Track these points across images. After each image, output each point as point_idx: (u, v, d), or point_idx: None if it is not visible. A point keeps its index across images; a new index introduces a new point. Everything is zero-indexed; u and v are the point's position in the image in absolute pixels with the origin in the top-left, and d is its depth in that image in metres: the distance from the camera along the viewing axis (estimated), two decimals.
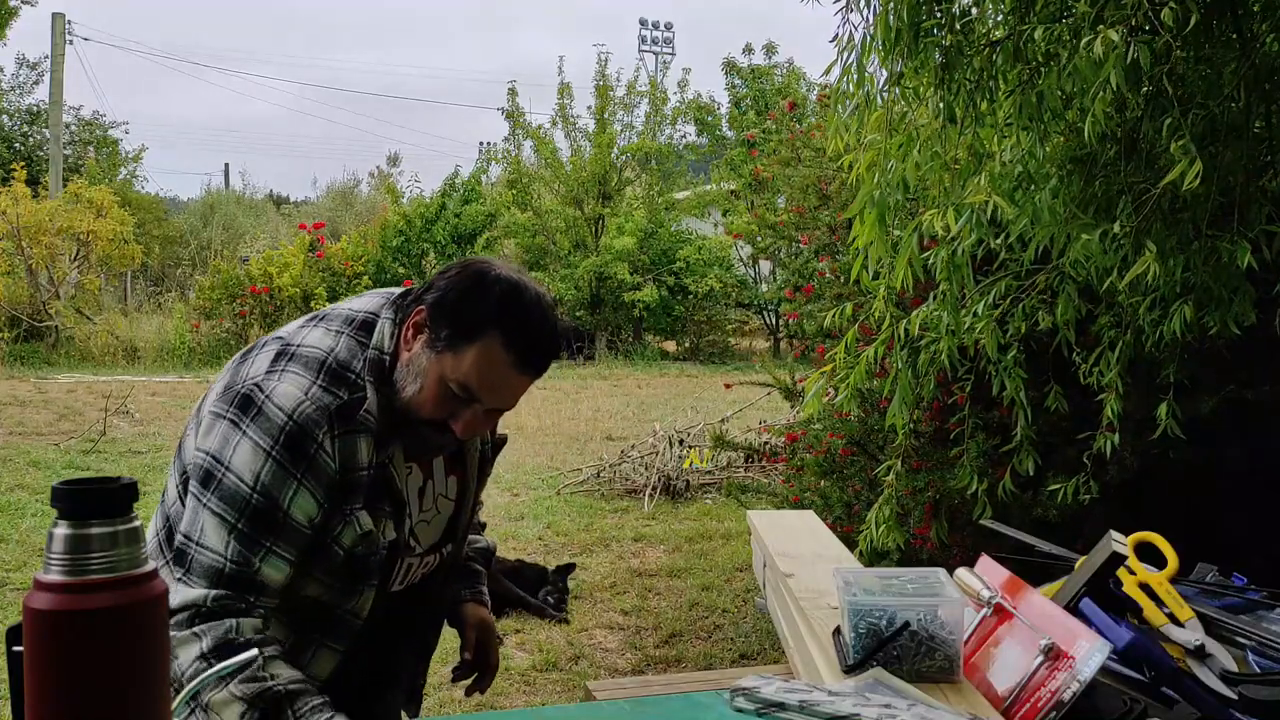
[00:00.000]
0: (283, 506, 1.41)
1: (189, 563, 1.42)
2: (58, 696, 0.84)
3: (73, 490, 0.87)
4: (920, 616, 1.43)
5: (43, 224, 14.76)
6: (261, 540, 1.40)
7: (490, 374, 1.45)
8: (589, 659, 4.42)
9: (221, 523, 1.40)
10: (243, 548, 1.40)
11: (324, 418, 1.42)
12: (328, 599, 1.50)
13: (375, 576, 1.51)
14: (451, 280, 1.48)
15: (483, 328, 1.44)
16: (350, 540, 1.46)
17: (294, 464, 1.40)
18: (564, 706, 1.70)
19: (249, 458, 1.40)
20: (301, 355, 1.48)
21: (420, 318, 1.48)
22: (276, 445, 1.40)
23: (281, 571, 1.43)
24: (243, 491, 1.40)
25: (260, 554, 1.40)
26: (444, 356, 1.45)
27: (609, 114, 18.88)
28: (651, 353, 18.27)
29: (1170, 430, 2.52)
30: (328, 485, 1.43)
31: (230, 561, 1.40)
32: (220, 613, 1.39)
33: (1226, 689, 1.39)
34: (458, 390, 1.45)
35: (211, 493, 1.42)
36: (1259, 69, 2.19)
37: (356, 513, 1.46)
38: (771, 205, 6.15)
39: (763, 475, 7.21)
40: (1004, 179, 2.32)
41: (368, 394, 1.46)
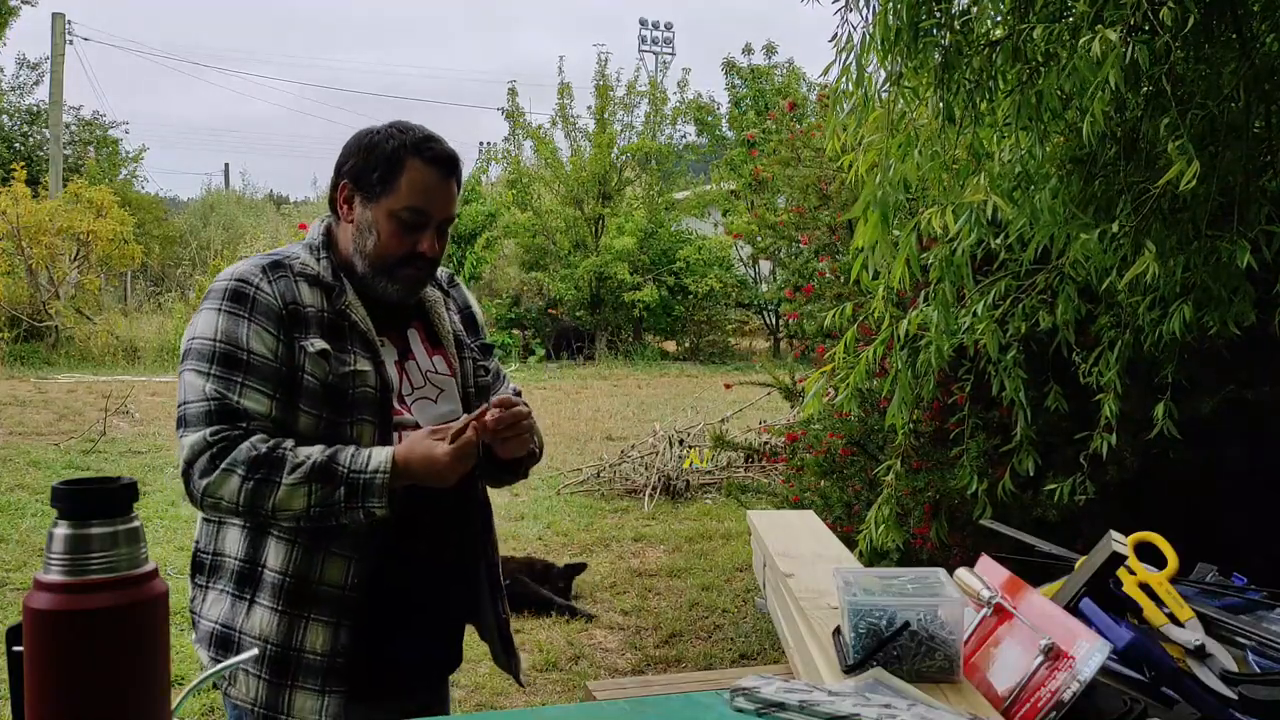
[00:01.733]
0: (243, 345, 1.64)
1: (184, 419, 1.64)
2: (58, 696, 0.84)
3: (73, 490, 0.87)
4: (920, 616, 1.43)
5: (43, 224, 14.76)
6: (233, 377, 1.63)
7: (424, 187, 1.71)
8: (589, 659, 4.42)
9: (198, 374, 1.64)
10: (220, 388, 1.63)
11: (257, 269, 1.70)
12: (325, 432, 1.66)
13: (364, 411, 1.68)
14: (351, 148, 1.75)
15: (401, 156, 1.71)
16: (317, 369, 1.66)
17: (240, 307, 1.66)
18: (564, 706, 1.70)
19: (207, 321, 1.67)
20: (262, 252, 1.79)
21: (347, 190, 1.75)
22: (223, 300, 1.67)
23: (261, 403, 1.64)
24: (207, 345, 1.65)
25: (236, 389, 1.63)
26: (383, 199, 1.71)
27: (609, 114, 18.88)
28: (651, 353, 18.27)
29: (1167, 431, 2.52)
30: (276, 319, 1.66)
31: (211, 400, 1.62)
32: (226, 446, 1.60)
33: (1226, 689, 1.39)
34: (408, 216, 1.71)
35: (187, 360, 1.67)
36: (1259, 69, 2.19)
37: (311, 339, 1.67)
38: (771, 205, 6.15)
39: (763, 475, 7.22)
40: (1003, 179, 2.32)
41: (300, 254, 1.74)
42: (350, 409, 1.67)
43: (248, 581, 1.69)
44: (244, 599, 1.69)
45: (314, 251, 1.75)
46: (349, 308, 1.72)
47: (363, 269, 1.74)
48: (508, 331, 17.98)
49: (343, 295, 1.72)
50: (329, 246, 1.77)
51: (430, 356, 1.83)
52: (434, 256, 1.74)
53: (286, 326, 1.66)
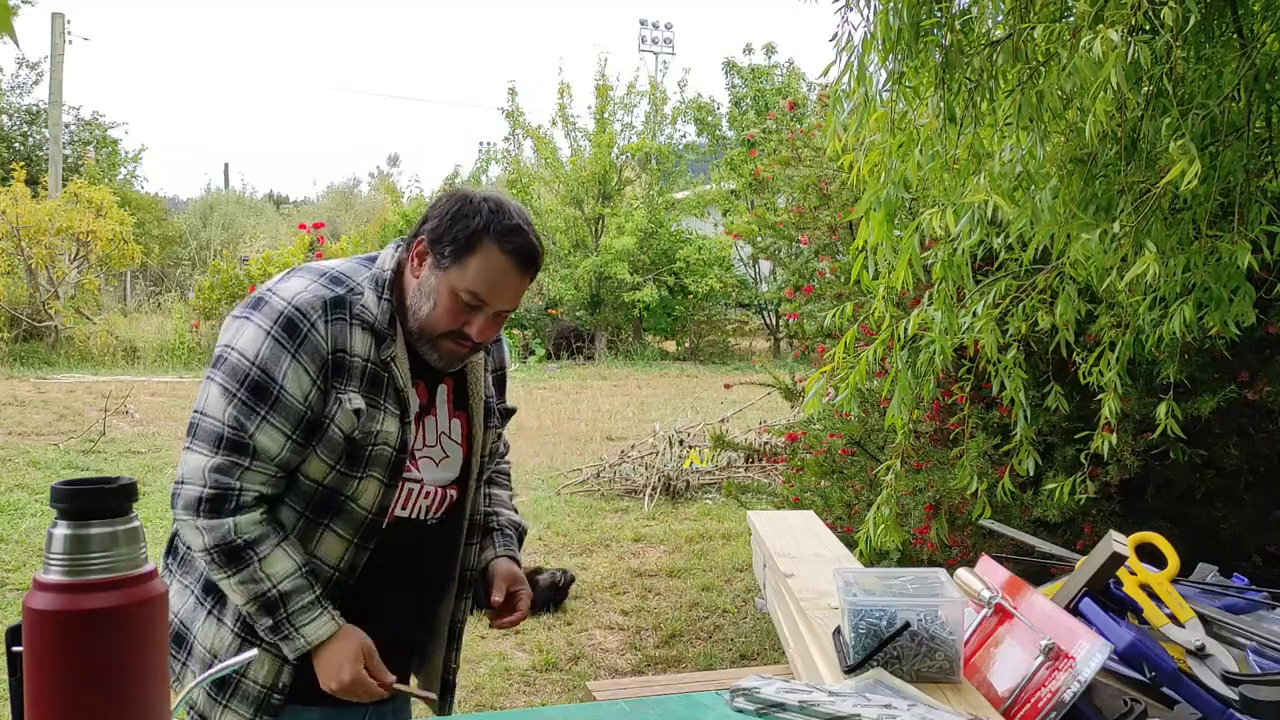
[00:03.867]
0: (278, 380, 1.59)
1: (195, 430, 1.61)
2: (58, 696, 0.84)
3: (72, 490, 0.87)
4: (920, 617, 1.43)
5: (42, 224, 14.76)
6: (257, 409, 1.59)
7: (493, 276, 1.65)
8: (589, 659, 4.42)
9: (224, 392, 1.60)
10: (240, 415, 1.58)
11: (318, 302, 1.63)
12: (331, 483, 1.65)
13: (376, 469, 1.66)
14: (442, 208, 1.69)
15: (480, 238, 1.65)
16: (347, 423, 1.63)
17: (289, 340, 1.60)
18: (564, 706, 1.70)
19: (252, 338, 1.61)
20: (309, 267, 1.71)
21: (422, 246, 1.69)
22: (275, 325, 1.60)
23: (276, 442, 1.60)
24: (244, 365, 1.60)
25: (256, 421, 1.58)
26: (450, 271, 1.65)
27: (609, 114, 18.88)
28: (651, 353, 18.27)
29: (1170, 430, 2.52)
30: (320, 363, 1.61)
31: (228, 426, 1.58)
32: (217, 497, 1.57)
33: (1226, 689, 1.39)
34: (468, 298, 1.65)
35: (219, 369, 1.62)
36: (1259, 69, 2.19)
37: (349, 393, 1.63)
38: (771, 205, 6.15)
39: (763, 475, 7.22)
40: (1004, 179, 2.32)
41: (365, 293, 1.68)
42: (365, 465, 1.66)
43: (213, 592, 1.68)
44: (204, 607, 1.69)
45: (378, 288, 1.69)
46: (394, 360, 1.68)
47: (411, 326, 1.70)
48: (508, 331, 17.96)
49: (391, 346, 1.68)
50: (395, 287, 1.71)
51: (450, 418, 1.80)
52: (481, 342, 1.70)
53: (328, 373, 1.62)
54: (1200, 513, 3.50)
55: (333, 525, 1.67)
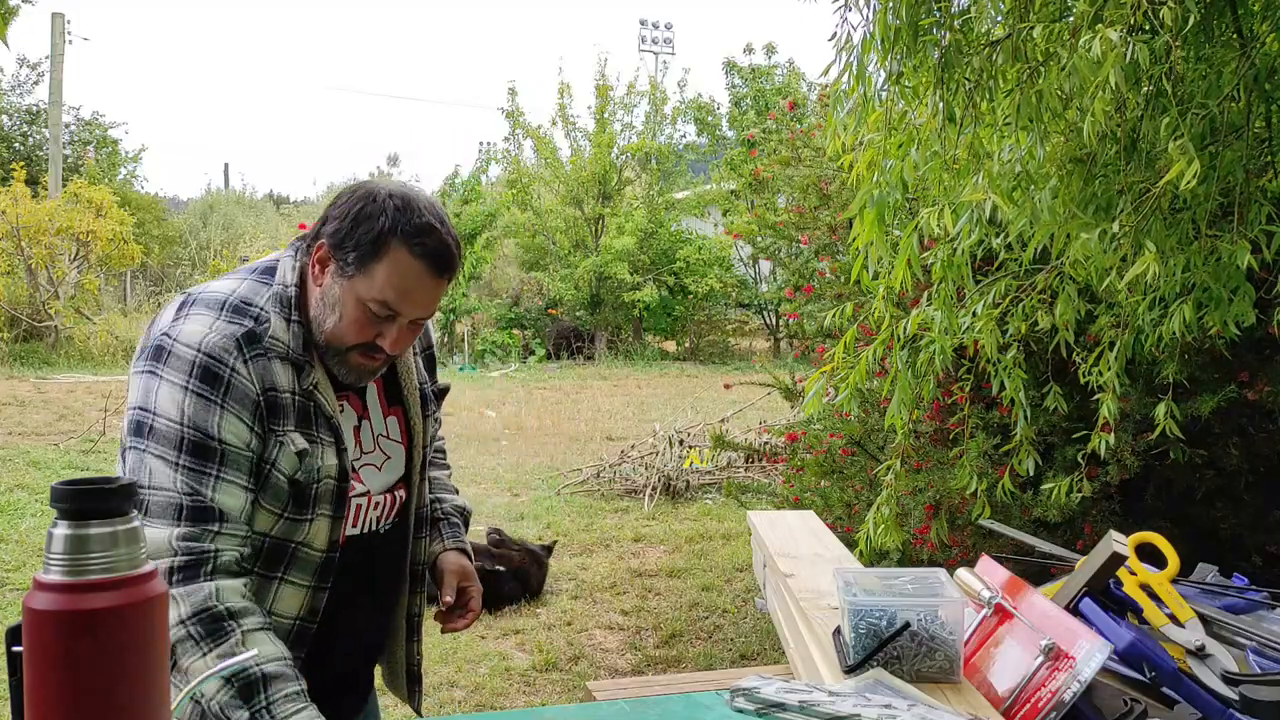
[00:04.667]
0: (215, 435, 1.44)
1: (145, 506, 1.44)
2: (58, 696, 0.84)
3: (72, 490, 0.87)
4: (920, 617, 1.43)
5: (42, 224, 14.76)
6: (205, 469, 1.44)
7: (404, 283, 1.48)
8: (589, 659, 4.42)
9: (165, 463, 1.44)
10: (190, 480, 1.43)
11: (230, 344, 1.46)
12: (280, 532, 1.52)
13: (325, 505, 1.53)
14: (344, 208, 1.52)
15: (386, 242, 1.47)
16: (289, 465, 1.49)
17: (212, 391, 1.44)
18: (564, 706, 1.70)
19: (170, 397, 1.44)
20: (203, 299, 1.52)
21: (323, 251, 1.52)
22: (191, 378, 1.44)
23: (237, 497, 1.45)
24: (173, 429, 1.44)
25: (209, 483, 1.44)
26: (356, 280, 1.49)
27: (609, 114, 18.89)
28: (651, 353, 18.27)
29: (1169, 430, 2.52)
30: (252, 407, 1.46)
31: (182, 494, 1.43)
32: (191, 563, 1.41)
33: (1227, 689, 1.39)
34: (377, 309, 1.49)
35: (147, 439, 1.45)
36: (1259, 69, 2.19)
37: (289, 434, 1.49)
38: (771, 205, 6.15)
39: (763, 475, 7.22)
40: (1003, 178, 2.32)
41: (272, 322, 1.51)
42: (313, 504, 1.52)
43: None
44: None
45: (284, 309, 1.52)
46: (317, 387, 1.53)
47: (317, 339, 1.53)
48: (508, 331, 17.98)
49: (311, 372, 1.53)
50: (301, 305, 1.54)
51: (385, 417, 1.67)
52: (394, 354, 1.54)
53: (263, 417, 1.47)
54: (1200, 513, 3.50)
55: (287, 576, 1.55)
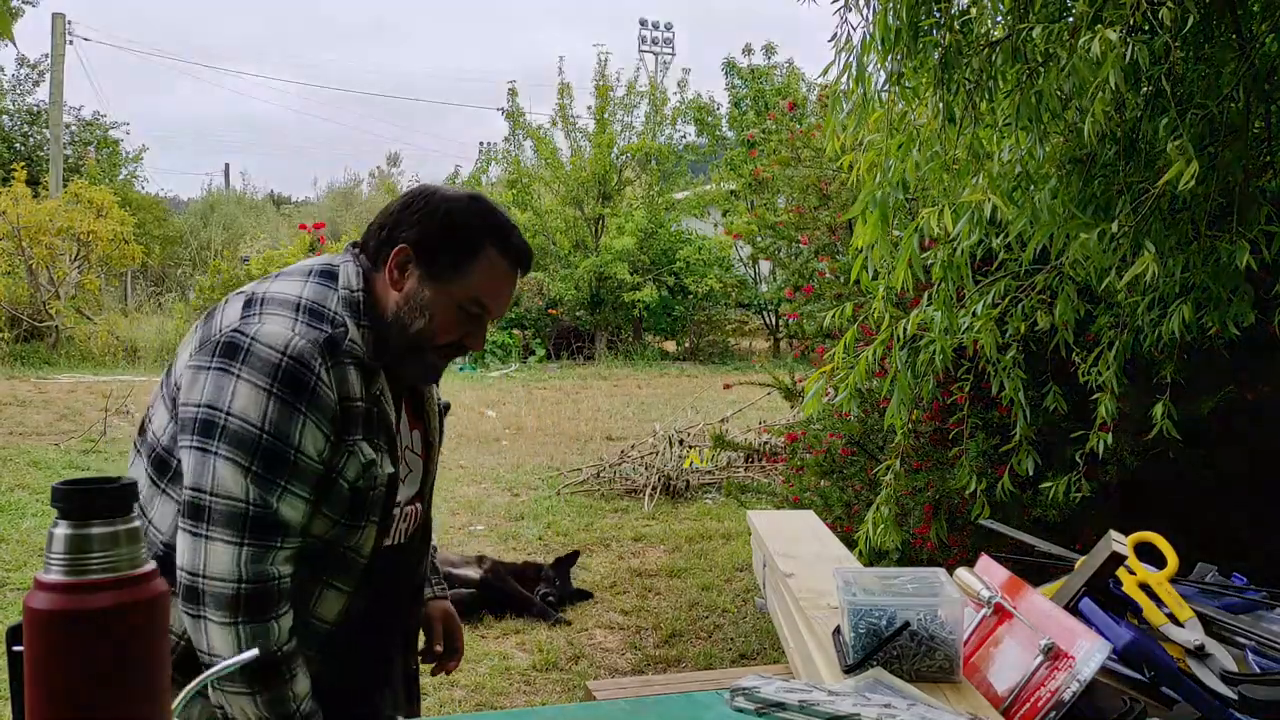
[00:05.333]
0: (294, 444, 1.41)
1: (207, 515, 1.40)
2: (58, 696, 0.84)
3: (73, 490, 0.87)
4: (920, 616, 1.43)
5: (43, 224, 14.76)
6: (277, 480, 1.40)
7: (495, 283, 1.56)
8: (589, 659, 4.42)
9: (236, 467, 1.39)
10: (260, 490, 1.40)
11: (316, 349, 1.43)
12: (332, 535, 1.50)
13: (376, 512, 1.52)
14: (423, 212, 1.55)
15: (480, 245, 1.54)
16: (354, 473, 1.47)
17: (296, 398, 1.41)
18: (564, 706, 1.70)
19: (251, 399, 1.40)
20: (274, 298, 1.49)
21: (403, 256, 1.53)
22: (276, 382, 1.40)
23: (299, 510, 1.43)
24: (251, 433, 1.39)
25: (277, 493, 1.40)
26: (451, 283, 1.53)
27: (609, 114, 18.89)
28: (651, 353, 18.27)
29: (1166, 431, 2.52)
30: (330, 417, 1.44)
31: (251, 504, 1.39)
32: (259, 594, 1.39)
33: (1226, 689, 1.39)
34: (472, 308, 1.55)
35: (218, 440, 1.40)
36: (1258, 69, 2.19)
37: (358, 444, 1.48)
38: (771, 205, 6.15)
39: (763, 475, 7.22)
40: (1003, 179, 2.32)
41: (348, 327, 1.49)
42: (365, 512, 1.51)
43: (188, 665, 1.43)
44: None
45: (355, 313, 1.51)
46: (383, 395, 1.53)
47: (396, 343, 1.54)
48: (508, 331, 17.99)
49: (378, 379, 1.52)
50: (371, 309, 1.53)
51: (410, 430, 1.67)
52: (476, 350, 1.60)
53: (338, 426, 1.46)
54: (1199, 513, 3.50)
55: (333, 580, 1.53)
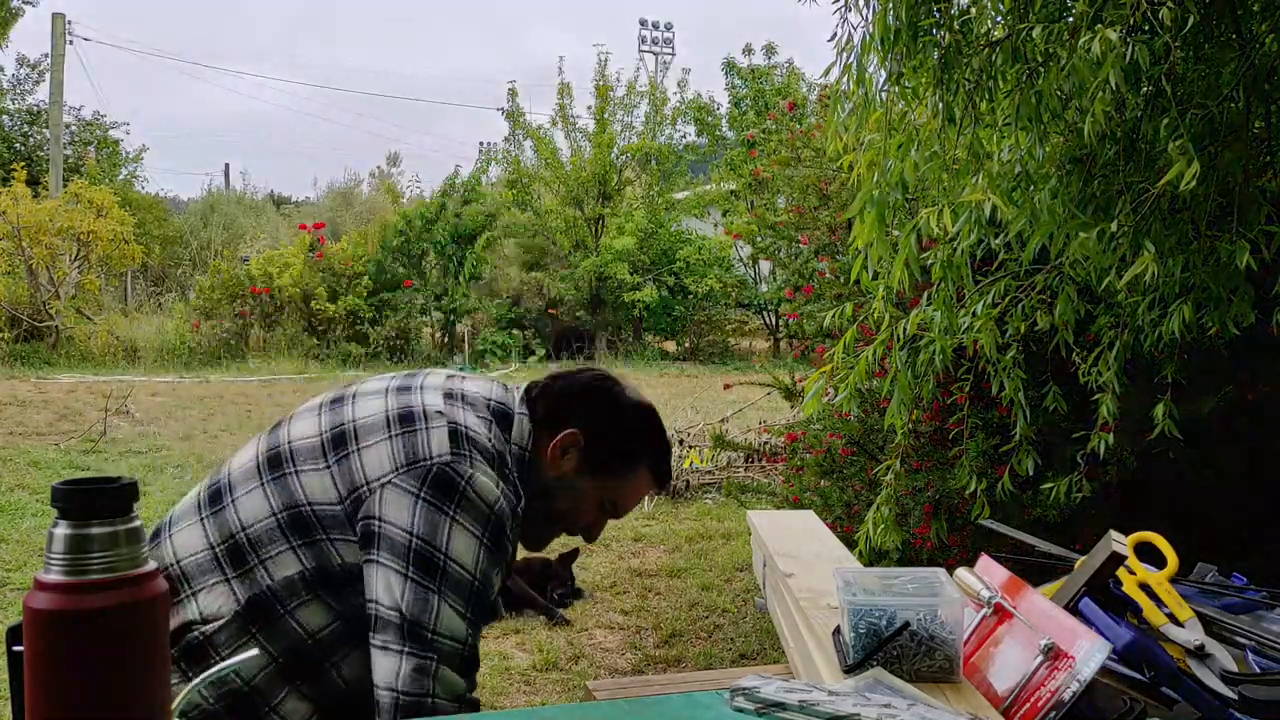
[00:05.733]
0: (493, 589, 1.55)
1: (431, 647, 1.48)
2: (58, 696, 0.85)
3: (73, 490, 0.87)
4: (920, 616, 1.43)
5: (43, 224, 14.75)
6: (480, 622, 1.54)
7: (638, 495, 1.73)
8: (589, 659, 4.42)
9: (457, 613, 1.49)
10: (473, 633, 1.52)
11: (510, 513, 1.56)
12: None
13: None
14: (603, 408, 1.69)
15: (639, 459, 1.70)
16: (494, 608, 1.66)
17: (500, 552, 1.54)
18: (564, 706, 1.71)
19: (466, 546, 1.50)
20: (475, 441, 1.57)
21: (571, 441, 1.64)
22: (486, 534, 1.51)
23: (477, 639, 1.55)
24: (466, 579, 1.50)
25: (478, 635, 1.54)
26: (604, 481, 1.67)
27: (609, 114, 18.88)
28: (651, 353, 18.27)
29: (1167, 430, 2.52)
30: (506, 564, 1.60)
31: (468, 646, 1.51)
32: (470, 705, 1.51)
33: (1226, 689, 1.39)
34: (610, 508, 1.71)
35: (439, 582, 1.49)
36: (1259, 69, 2.19)
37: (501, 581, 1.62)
38: (771, 205, 6.15)
39: (763, 475, 7.22)
40: (1003, 179, 2.32)
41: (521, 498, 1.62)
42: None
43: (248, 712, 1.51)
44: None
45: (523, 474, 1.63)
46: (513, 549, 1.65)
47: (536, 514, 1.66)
48: (508, 331, 17.99)
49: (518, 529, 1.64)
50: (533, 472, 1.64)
51: None
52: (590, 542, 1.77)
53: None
54: (1200, 513, 3.50)
55: None
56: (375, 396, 1.61)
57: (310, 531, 1.52)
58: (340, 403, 1.62)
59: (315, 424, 1.59)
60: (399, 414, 1.57)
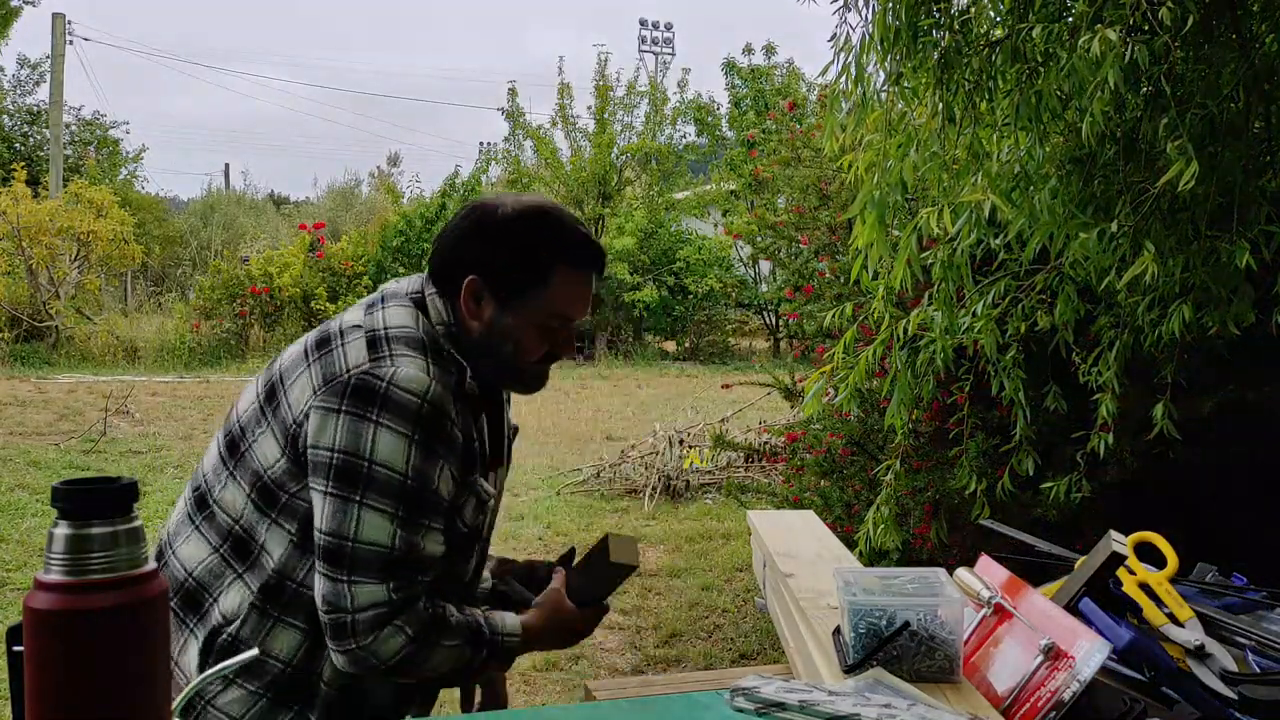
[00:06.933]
0: (434, 486, 1.46)
1: (348, 561, 1.42)
2: (58, 696, 0.84)
3: (73, 490, 0.87)
4: (920, 616, 1.43)
5: (43, 224, 14.75)
6: (421, 520, 1.45)
7: (574, 294, 1.57)
8: (589, 659, 4.42)
9: (382, 514, 1.42)
10: (406, 533, 1.44)
11: (449, 395, 1.47)
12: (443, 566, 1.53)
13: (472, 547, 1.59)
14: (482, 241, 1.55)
15: (547, 264, 1.54)
16: (471, 511, 1.54)
17: (437, 444, 1.45)
18: (564, 706, 1.70)
19: (393, 446, 1.42)
20: (397, 337, 1.50)
21: (475, 286, 1.54)
22: (417, 429, 1.43)
23: (439, 544, 1.48)
24: (395, 480, 1.42)
25: (422, 533, 1.45)
26: (528, 306, 1.54)
27: (609, 114, 18.89)
28: (651, 353, 18.27)
29: (1166, 431, 2.52)
30: (460, 459, 1.49)
31: (396, 549, 1.43)
32: (404, 602, 1.43)
33: (1226, 689, 1.39)
34: (556, 324, 1.57)
35: (362, 488, 1.42)
36: (1258, 69, 2.19)
37: (479, 482, 1.54)
38: (771, 205, 6.15)
39: (763, 475, 7.22)
40: (1002, 179, 2.32)
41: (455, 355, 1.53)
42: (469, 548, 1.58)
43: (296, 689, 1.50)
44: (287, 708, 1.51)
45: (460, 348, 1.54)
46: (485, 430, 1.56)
47: (488, 371, 1.56)
48: None
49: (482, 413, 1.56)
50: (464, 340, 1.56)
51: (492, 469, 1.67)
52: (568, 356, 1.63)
53: (464, 466, 1.51)
54: (1200, 513, 3.50)
55: None
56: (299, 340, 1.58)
57: (276, 498, 1.49)
58: (273, 360, 1.59)
59: (253, 390, 1.57)
60: (316, 340, 1.53)
